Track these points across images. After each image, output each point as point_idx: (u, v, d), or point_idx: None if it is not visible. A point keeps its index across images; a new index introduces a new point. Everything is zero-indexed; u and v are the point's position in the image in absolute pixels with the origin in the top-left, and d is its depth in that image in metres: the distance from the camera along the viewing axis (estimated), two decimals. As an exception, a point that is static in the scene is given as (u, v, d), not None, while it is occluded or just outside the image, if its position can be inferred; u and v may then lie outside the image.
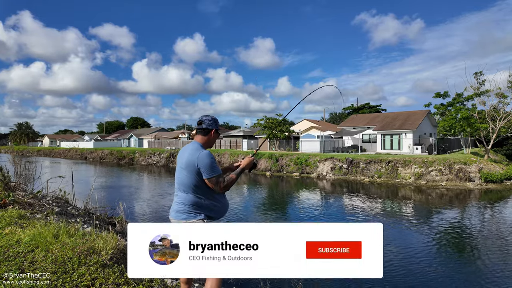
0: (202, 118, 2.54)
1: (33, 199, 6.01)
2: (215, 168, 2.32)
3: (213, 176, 2.30)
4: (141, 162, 37.73)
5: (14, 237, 3.60)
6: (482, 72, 23.77)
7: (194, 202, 2.34)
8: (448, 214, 11.71)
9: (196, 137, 2.54)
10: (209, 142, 2.54)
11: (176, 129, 78.44)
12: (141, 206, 12.86)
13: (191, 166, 2.32)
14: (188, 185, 2.34)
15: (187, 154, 2.39)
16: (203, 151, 2.36)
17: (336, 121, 57.61)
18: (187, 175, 2.34)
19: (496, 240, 8.51)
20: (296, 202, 14.50)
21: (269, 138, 32.69)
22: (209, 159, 2.30)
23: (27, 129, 76.99)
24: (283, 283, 5.55)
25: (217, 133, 2.59)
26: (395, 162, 20.45)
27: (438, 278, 6.14)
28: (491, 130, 23.06)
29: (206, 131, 2.51)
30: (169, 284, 3.18)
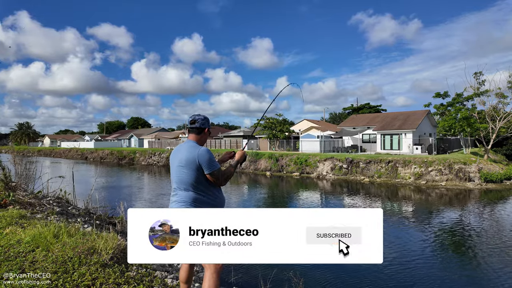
0: (195, 118, 2.61)
1: (34, 199, 6.03)
2: (215, 163, 2.41)
3: (214, 170, 2.37)
4: (142, 162, 37.74)
5: (15, 237, 3.62)
6: (481, 72, 23.79)
7: (195, 199, 2.37)
8: (448, 214, 11.72)
9: (190, 136, 2.61)
10: (202, 140, 2.62)
11: (176, 129, 78.44)
12: (141, 206, 12.88)
13: (191, 163, 2.36)
14: (189, 183, 2.37)
15: (186, 152, 2.42)
16: (201, 147, 2.44)
17: (336, 121, 57.61)
18: (187, 172, 2.37)
19: (496, 240, 8.53)
20: (296, 202, 14.51)
21: (269, 138, 32.71)
22: (208, 155, 2.38)
23: (28, 129, 76.99)
24: (283, 282, 5.57)
25: (209, 131, 2.68)
26: (395, 162, 20.46)
27: (438, 278, 6.16)
28: (491, 130, 23.06)
29: (199, 130, 2.59)
30: (169, 284, 3.20)
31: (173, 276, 3.55)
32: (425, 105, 27.53)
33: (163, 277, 3.39)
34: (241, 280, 5.74)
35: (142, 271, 3.27)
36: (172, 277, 3.45)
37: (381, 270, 6.38)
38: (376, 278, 6.05)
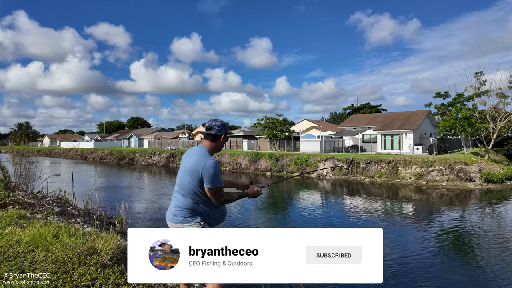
0: (211, 124, 2.47)
1: (33, 199, 6.01)
2: (218, 180, 2.27)
3: (214, 187, 2.26)
4: (141, 162, 37.73)
5: (14, 237, 3.60)
6: (482, 72, 23.77)
7: (191, 207, 2.32)
8: (448, 214, 11.69)
9: (204, 141, 2.48)
10: (217, 147, 2.49)
11: (176, 129, 78.52)
12: (141, 206, 12.86)
13: (195, 172, 2.28)
14: (188, 190, 2.32)
15: (193, 158, 2.34)
16: (210, 159, 2.29)
17: (336, 121, 57.64)
18: (189, 179, 2.31)
19: (496, 241, 8.50)
20: (297, 202, 14.49)
21: (269, 138, 32.71)
22: (214, 170, 2.25)
23: (27, 129, 77.03)
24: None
25: (226, 138, 2.52)
26: (395, 162, 20.44)
27: (438, 278, 6.13)
28: (492, 130, 23.04)
29: (215, 137, 2.45)
30: (169, 284, 3.18)
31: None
32: (426, 105, 27.50)
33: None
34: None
35: (143, 272, 3.25)
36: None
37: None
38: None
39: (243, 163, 27.93)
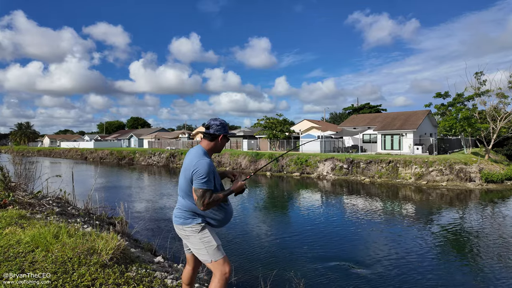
0: (210, 123, 2.40)
1: (33, 199, 6.01)
2: (207, 182, 2.16)
3: (201, 188, 2.15)
4: (141, 162, 37.72)
5: (15, 237, 3.60)
6: (482, 72, 23.76)
7: (190, 208, 2.30)
8: (448, 215, 11.69)
9: (202, 141, 2.43)
10: (216, 148, 2.41)
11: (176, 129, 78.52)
12: (141, 206, 12.85)
13: (187, 172, 2.24)
14: (185, 191, 2.30)
15: (189, 158, 2.32)
16: (203, 159, 2.22)
17: (336, 121, 57.64)
18: (183, 180, 2.30)
19: (497, 241, 8.50)
20: (297, 202, 14.49)
21: (269, 138, 32.71)
22: (204, 170, 2.16)
23: (27, 129, 77.04)
24: (283, 282, 5.55)
25: (226, 138, 2.43)
26: (395, 162, 20.44)
27: (438, 278, 6.13)
28: (492, 130, 23.04)
29: (213, 137, 2.37)
30: (169, 284, 3.18)
31: (172, 276, 3.52)
32: (426, 105, 27.50)
33: (163, 277, 3.36)
34: (241, 280, 5.72)
35: (142, 272, 3.25)
36: (172, 278, 3.42)
37: (382, 271, 6.36)
38: (377, 278, 6.03)
39: (243, 163, 27.94)
